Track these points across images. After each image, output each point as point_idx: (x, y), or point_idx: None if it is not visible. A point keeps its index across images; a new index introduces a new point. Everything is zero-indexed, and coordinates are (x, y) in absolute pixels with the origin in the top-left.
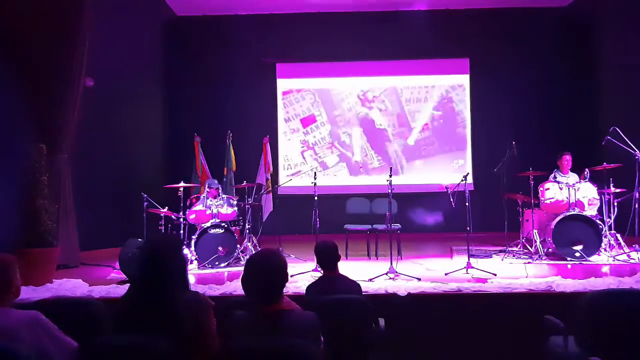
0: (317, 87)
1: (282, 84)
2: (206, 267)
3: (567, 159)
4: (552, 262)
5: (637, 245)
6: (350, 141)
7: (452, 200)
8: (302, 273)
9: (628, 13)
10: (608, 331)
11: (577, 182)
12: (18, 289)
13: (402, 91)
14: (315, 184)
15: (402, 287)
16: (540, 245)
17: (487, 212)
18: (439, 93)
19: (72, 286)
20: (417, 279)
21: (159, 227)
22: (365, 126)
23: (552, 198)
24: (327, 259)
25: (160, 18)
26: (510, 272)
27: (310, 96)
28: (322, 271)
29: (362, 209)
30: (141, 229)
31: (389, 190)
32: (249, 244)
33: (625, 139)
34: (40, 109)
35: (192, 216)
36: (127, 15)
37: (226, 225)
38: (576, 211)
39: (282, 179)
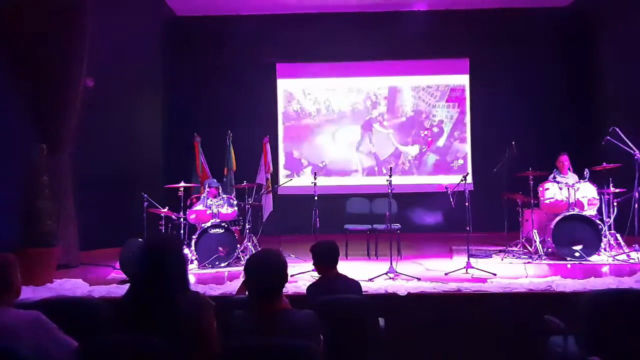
0: (316, 86)
1: (282, 84)
2: (206, 267)
3: (562, 160)
4: (551, 262)
5: (636, 245)
6: (349, 140)
7: (451, 200)
8: (302, 273)
9: (628, 13)
10: (608, 331)
11: (576, 182)
12: (19, 289)
13: (402, 91)
14: (315, 184)
15: (402, 287)
16: (540, 245)
17: (486, 212)
18: (438, 93)
19: (72, 286)
20: (417, 278)
21: (159, 227)
22: (365, 125)
23: (552, 198)
24: (328, 259)
25: (160, 18)
26: (510, 272)
27: (309, 96)
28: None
29: (362, 209)
30: (141, 229)
31: (389, 190)
32: (249, 244)
33: (625, 139)
34: (41, 109)
35: (192, 216)
36: (127, 15)
37: (226, 225)
38: (576, 211)
39: (282, 179)
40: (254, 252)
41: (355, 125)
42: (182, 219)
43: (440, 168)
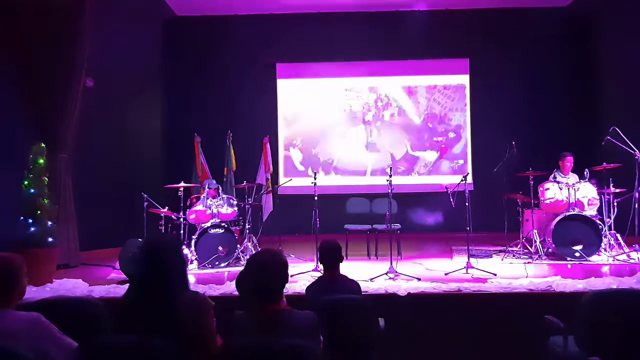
0: (316, 87)
1: (282, 84)
2: (206, 267)
3: (570, 161)
4: (552, 262)
5: (636, 245)
6: (348, 140)
7: (452, 200)
8: (302, 273)
9: (628, 13)
10: (608, 331)
11: (577, 182)
12: (23, 290)
13: (402, 91)
14: (315, 184)
15: (402, 287)
16: (540, 245)
17: (487, 212)
18: (438, 93)
19: (72, 286)
20: (417, 279)
21: (159, 227)
22: (366, 125)
23: (552, 198)
24: (331, 258)
25: (160, 18)
26: (510, 272)
27: (309, 95)
28: (322, 270)
29: (362, 209)
30: (141, 229)
31: (389, 190)
32: (249, 244)
33: (625, 139)
34: (40, 109)
35: (192, 216)
36: (127, 15)
37: (226, 225)
38: (576, 211)
39: (282, 179)
40: (254, 252)
41: (353, 125)
42: (182, 219)
43: (439, 167)
